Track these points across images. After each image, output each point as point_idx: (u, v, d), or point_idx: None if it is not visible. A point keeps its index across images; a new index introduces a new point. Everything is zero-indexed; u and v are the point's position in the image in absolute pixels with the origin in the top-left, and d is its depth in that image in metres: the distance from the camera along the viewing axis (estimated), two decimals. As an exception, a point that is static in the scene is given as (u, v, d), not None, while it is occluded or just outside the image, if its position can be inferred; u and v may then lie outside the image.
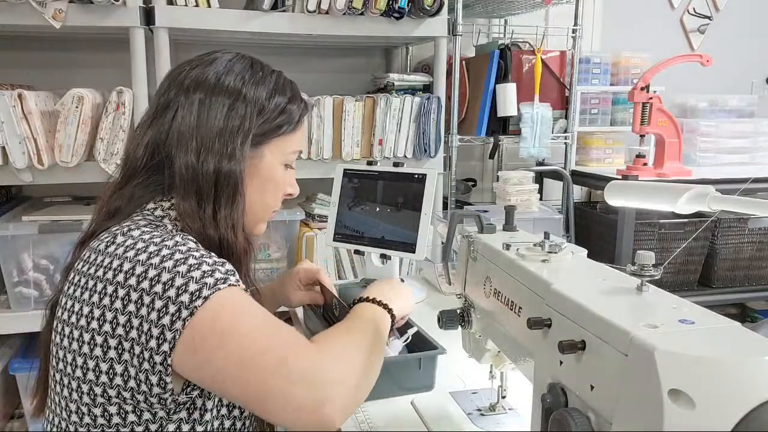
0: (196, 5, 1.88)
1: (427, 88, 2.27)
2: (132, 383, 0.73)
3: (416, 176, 1.45)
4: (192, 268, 0.74)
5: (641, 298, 0.65)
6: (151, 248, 0.76)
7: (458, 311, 0.98)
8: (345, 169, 1.56)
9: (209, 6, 1.90)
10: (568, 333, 0.64)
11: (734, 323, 0.58)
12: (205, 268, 0.74)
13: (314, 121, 2.01)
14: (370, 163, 1.53)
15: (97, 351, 0.74)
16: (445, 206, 2.28)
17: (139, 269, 0.74)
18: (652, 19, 2.98)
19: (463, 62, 2.37)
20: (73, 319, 0.77)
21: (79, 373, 0.75)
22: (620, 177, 2.23)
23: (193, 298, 0.72)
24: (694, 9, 3.04)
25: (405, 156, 2.13)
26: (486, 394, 1.02)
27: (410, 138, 2.13)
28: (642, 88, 2.15)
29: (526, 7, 2.45)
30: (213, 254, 0.79)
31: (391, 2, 1.98)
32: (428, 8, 2.02)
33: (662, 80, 2.30)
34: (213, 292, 0.72)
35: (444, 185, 2.26)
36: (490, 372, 0.98)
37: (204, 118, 0.86)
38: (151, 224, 0.83)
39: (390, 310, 0.94)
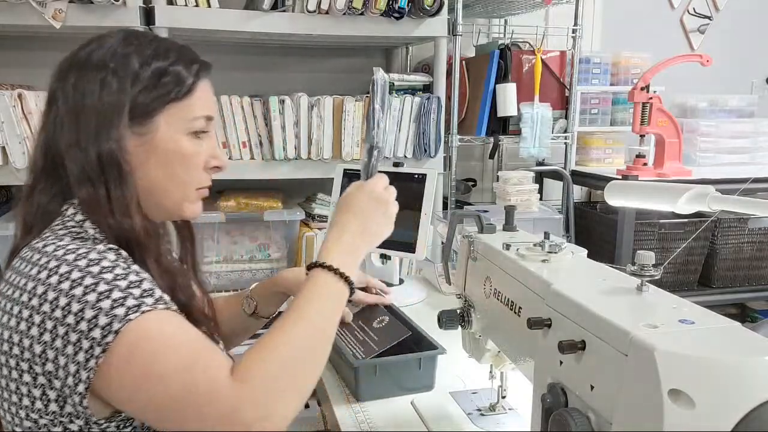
0: (196, 5, 1.88)
1: (427, 88, 2.27)
2: (69, 408, 0.72)
3: (416, 176, 1.45)
4: (101, 297, 0.69)
5: (641, 298, 0.65)
6: (63, 269, 0.71)
7: (458, 311, 0.98)
8: (345, 169, 1.57)
9: (209, 6, 1.90)
10: (568, 333, 0.64)
11: (734, 323, 0.58)
12: (115, 295, 0.70)
13: (314, 121, 2.01)
14: (370, 163, 1.53)
15: (26, 377, 0.72)
16: (445, 206, 2.28)
17: (51, 295, 0.70)
18: (652, 19, 2.98)
19: (463, 62, 2.37)
20: None
21: (14, 398, 0.73)
22: (620, 177, 2.23)
23: (105, 334, 0.68)
24: (694, 9, 3.04)
25: (405, 156, 2.13)
26: (486, 394, 1.02)
27: (410, 138, 2.13)
28: (642, 88, 2.15)
29: (526, 7, 2.45)
30: (131, 271, 0.74)
31: (391, 2, 1.98)
32: (428, 8, 2.02)
33: (662, 80, 2.30)
34: (123, 325, 0.68)
35: (444, 185, 2.26)
36: (490, 372, 0.98)
37: (80, 101, 0.80)
38: (71, 232, 0.78)
39: (347, 279, 0.85)
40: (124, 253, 0.77)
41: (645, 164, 2.25)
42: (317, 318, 0.80)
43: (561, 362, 0.65)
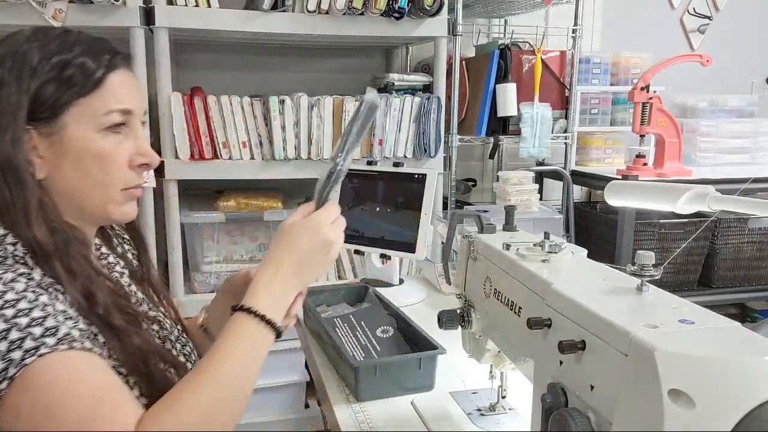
0: (196, 5, 1.88)
1: (427, 88, 2.27)
2: None
3: (416, 176, 1.45)
4: None
5: (641, 298, 0.65)
6: None
7: (458, 311, 0.98)
8: (345, 169, 1.56)
9: (209, 6, 1.90)
10: (568, 333, 0.64)
11: (734, 323, 0.58)
12: (13, 336, 0.66)
13: (314, 121, 2.01)
14: (370, 163, 1.53)
15: None
16: (445, 206, 2.28)
17: None
18: (652, 19, 2.98)
19: (463, 62, 2.37)
20: None
21: None
22: (620, 177, 2.23)
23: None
24: (694, 9, 3.04)
25: (405, 156, 2.13)
26: (486, 394, 1.02)
27: (410, 138, 2.13)
28: (642, 88, 2.15)
29: (526, 7, 2.45)
30: (37, 305, 0.69)
31: (391, 2, 1.98)
32: (428, 8, 2.02)
33: (662, 80, 2.30)
34: (19, 371, 0.65)
35: (444, 185, 2.26)
36: (490, 372, 0.98)
37: None
38: None
39: (273, 325, 0.79)
40: (36, 277, 0.72)
41: (645, 164, 2.25)
42: (233, 369, 0.75)
43: (561, 362, 0.65)
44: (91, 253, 0.84)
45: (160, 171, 1.93)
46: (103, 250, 0.93)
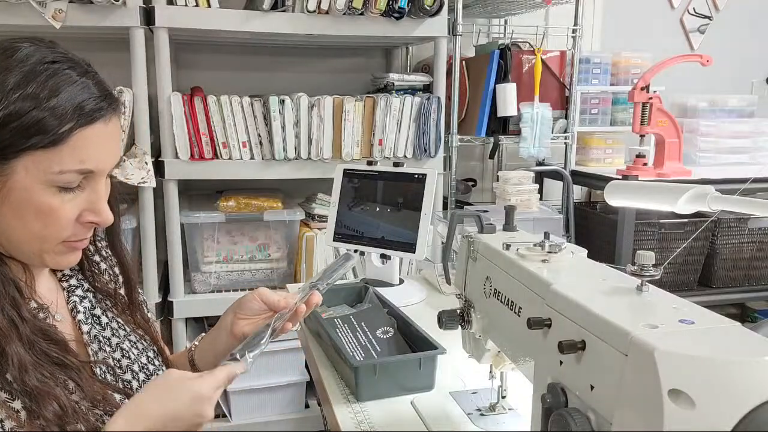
0: (196, 5, 1.88)
1: (427, 88, 2.27)
2: None
3: (416, 176, 1.46)
4: None
5: (641, 298, 0.65)
6: None
7: (458, 311, 0.98)
8: (345, 169, 1.57)
9: (209, 6, 1.90)
10: (568, 333, 0.64)
11: (734, 323, 0.58)
12: None
13: (314, 121, 2.01)
14: (370, 163, 1.53)
15: None
16: (445, 206, 2.28)
17: None
18: (652, 19, 2.98)
19: (463, 62, 2.37)
20: None
21: None
22: (620, 177, 2.23)
23: None
24: (694, 9, 3.04)
25: (405, 156, 2.13)
26: (486, 394, 1.02)
27: (410, 138, 2.13)
28: (642, 88, 2.15)
29: (526, 7, 2.45)
30: None
31: (391, 2, 1.98)
32: (428, 8, 2.02)
33: (662, 80, 2.31)
34: None
35: (444, 185, 2.26)
36: (490, 372, 0.98)
37: None
38: None
39: None
40: None
41: (645, 164, 2.25)
42: None
43: (561, 362, 0.65)
44: (24, 290, 0.77)
45: (160, 171, 1.93)
46: (67, 271, 0.87)
